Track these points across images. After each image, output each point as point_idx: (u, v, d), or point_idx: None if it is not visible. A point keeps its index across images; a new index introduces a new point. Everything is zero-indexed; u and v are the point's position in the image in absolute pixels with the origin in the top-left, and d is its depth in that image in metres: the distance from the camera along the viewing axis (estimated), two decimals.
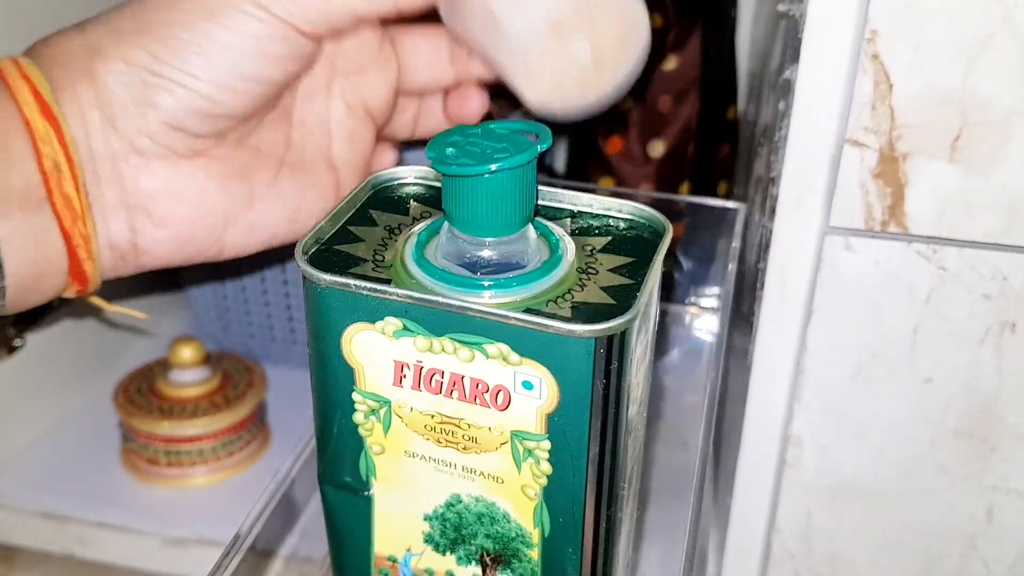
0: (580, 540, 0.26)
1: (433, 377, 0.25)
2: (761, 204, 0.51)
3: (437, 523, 0.28)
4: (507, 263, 0.25)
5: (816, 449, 0.44)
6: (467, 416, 0.26)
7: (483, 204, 0.24)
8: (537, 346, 0.24)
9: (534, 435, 0.25)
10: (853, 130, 0.38)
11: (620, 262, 0.26)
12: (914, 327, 0.41)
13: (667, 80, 0.71)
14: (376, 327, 0.25)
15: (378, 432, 0.27)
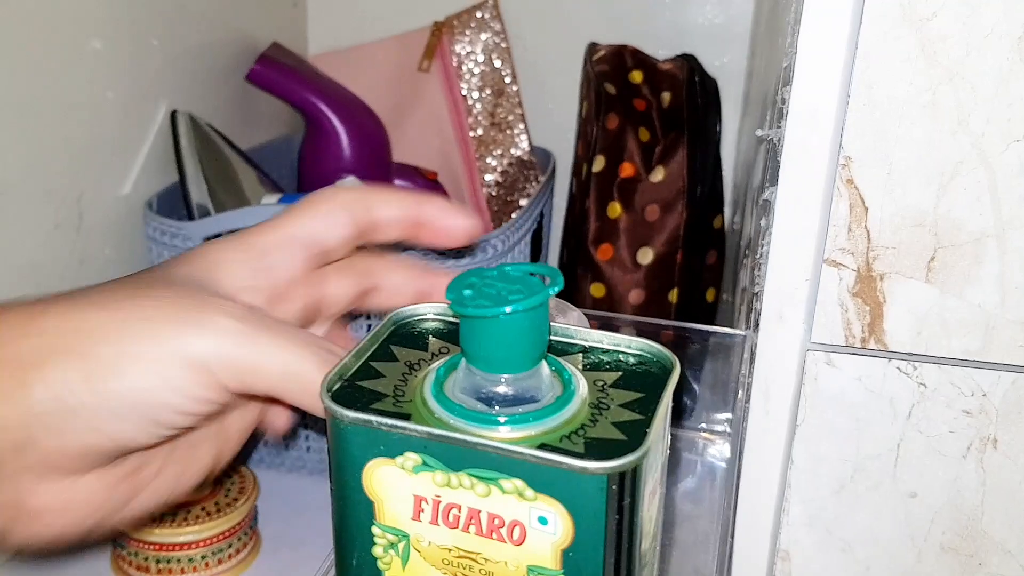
0: None
1: (451, 512, 0.26)
2: (746, 316, 0.52)
3: None
4: (522, 398, 0.26)
5: (803, 564, 0.44)
6: (484, 551, 0.26)
7: (499, 343, 0.25)
8: (552, 482, 0.24)
9: (550, 571, 0.25)
10: (831, 250, 0.39)
11: (631, 397, 0.26)
12: (897, 442, 0.41)
13: (654, 191, 0.73)
14: (396, 462, 0.26)
15: (396, 566, 0.28)
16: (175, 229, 0.67)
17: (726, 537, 0.38)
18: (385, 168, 0.89)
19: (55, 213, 0.65)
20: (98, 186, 0.69)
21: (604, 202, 0.74)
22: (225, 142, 0.79)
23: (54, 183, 0.65)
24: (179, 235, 0.67)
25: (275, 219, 0.35)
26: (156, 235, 0.69)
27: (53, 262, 0.65)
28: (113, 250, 0.72)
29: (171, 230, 0.68)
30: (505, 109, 0.91)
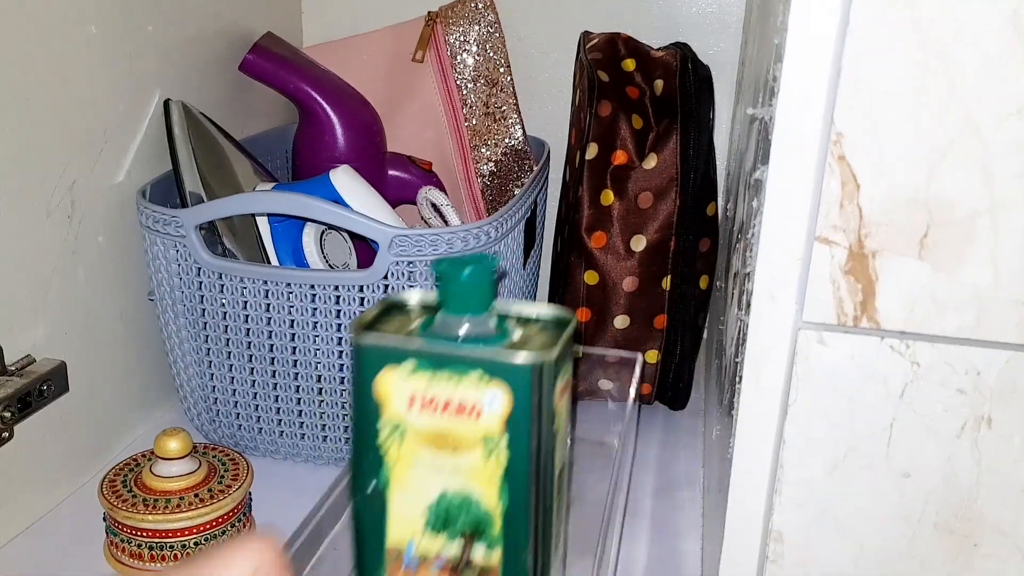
0: (528, 513, 0.38)
1: (432, 401, 0.37)
2: (738, 298, 0.52)
3: (432, 515, 0.39)
4: (477, 337, 0.38)
5: (797, 544, 0.44)
6: (453, 427, 0.38)
7: (462, 294, 0.38)
8: (499, 371, 0.36)
9: (496, 435, 0.37)
10: (822, 228, 0.39)
11: (545, 336, 0.39)
12: (890, 421, 0.41)
13: (647, 178, 0.73)
14: (400, 367, 0.37)
15: (395, 448, 0.39)
16: (168, 217, 0.67)
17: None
18: (379, 158, 0.89)
19: (47, 201, 0.65)
20: (91, 174, 0.69)
21: (597, 190, 0.73)
22: (219, 131, 0.79)
23: (46, 171, 0.65)
24: (172, 223, 0.67)
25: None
26: (150, 223, 0.68)
27: (45, 250, 0.65)
28: (106, 239, 0.71)
29: (164, 218, 0.67)
30: (499, 99, 0.91)
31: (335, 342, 0.68)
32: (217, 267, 0.67)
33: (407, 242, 0.64)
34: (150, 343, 0.78)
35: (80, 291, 0.69)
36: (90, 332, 0.70)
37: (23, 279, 0.63)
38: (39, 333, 0.65)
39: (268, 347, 0.69)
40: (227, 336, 0.70)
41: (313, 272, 0.67)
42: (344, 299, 0.66)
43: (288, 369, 0.69)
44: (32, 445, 0.64)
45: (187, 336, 0.71)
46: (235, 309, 0.68)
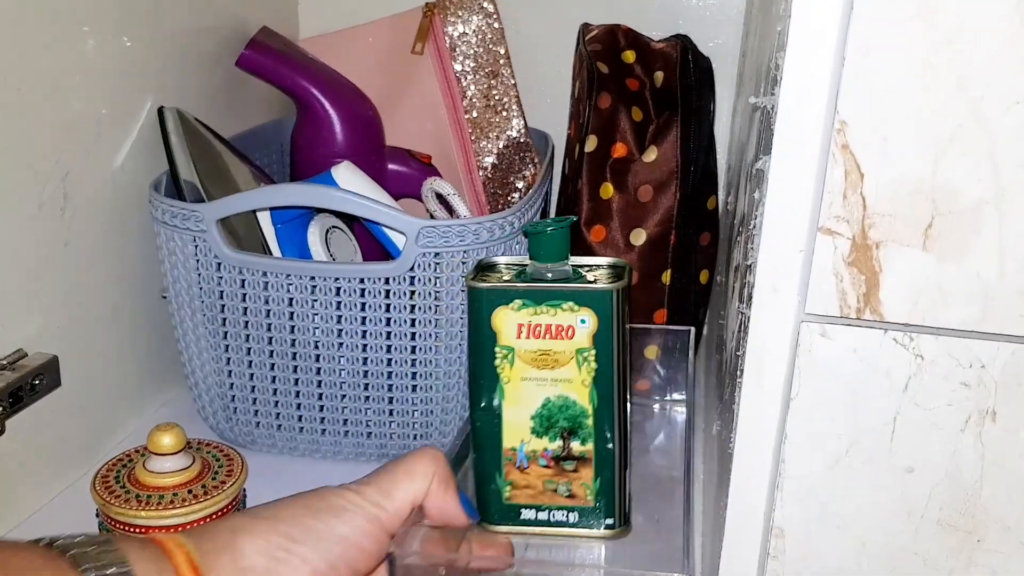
0: (613, 408, 0.50)
1: (535, 328, 0.50)
2: (739, 291, 0.51)
3: (537, 420, 0.51)
4: (562, 279, 0.51)
5: (798, 540, 0.43)
6: (553, 347, 0.50)
7: (548, 246, 0.51)
8: (587, 299, 0.49)
9: (587, 348, 0.50)
10: (825, 219, 0.39)
11: (609, 276, 0.51)
12: (893, 415, 0.40)
13: (647, 171, 0.72)
14: (510, 306, 0.50)
15: (506, 369, 0.51)
16: (188, 211, 0.66)
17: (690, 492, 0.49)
18: (379, 152, 0.88)
19: (39, 193, 0.64)
20: (84, 167, 0.68)
21: (597, 183, 0.73)
22: (215, 136, 0.78)
23: (38, 163, 0.64)
24: (192, 217, 0.66)
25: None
26: (166, 219, 0.67)
27: (36, 244, 0.64)
28: (100, 233, 0.71)
29: (183, 212, 0.66)
30: (499, 91, 0.90)
31: (359, 335, 0.67)
32: (239, 262, 0.66)
33: (434, 233, 0.63)
34: (145, 338, 0.77)
35: (72, 285, 0.68)
36: (83, 326, 0.70)
37: (14, 272, 0.63)
38: (31, 327, 0.64)
39: (290, 343, 0.68)
40: (247, 332, 0.69)
41: (338, 265, 0.67)
42: (369, 292, 0.66)
43: (310, 364, 0.69)
44: (24, 440, 0.64)
45: (204, 333, 0.70)
46: (256, 305, 0.68)
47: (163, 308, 0.74)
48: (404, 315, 0.66)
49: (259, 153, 0.89)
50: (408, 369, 0.68)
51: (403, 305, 0.66)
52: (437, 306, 0.66)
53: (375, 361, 0.68)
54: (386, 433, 0.71)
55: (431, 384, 0.69)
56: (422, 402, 0.69)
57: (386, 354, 0.68)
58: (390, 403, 0.70)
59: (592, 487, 0.52)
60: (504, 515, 0.54)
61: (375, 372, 0.68)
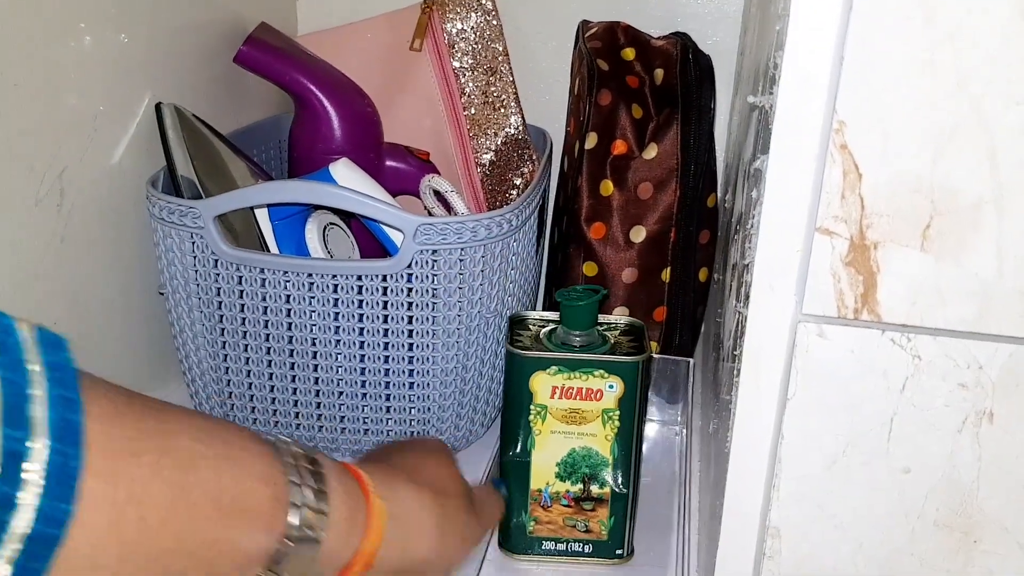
0: (629, 459, 0.60)
1: (568, 391, 0.59)
2: (737, 290, 0.51)
3: (561, 466, 0.60)
4: (590, 345, 0.60)
5: (794, 541, 0.43)
6: (582, 407, 0.59)
7: (578, 316, 0.60)
8: (615, 369, 0.58)
9: (613, 409, 0.59)
10: (823, 218, 0.38)
11: (630, 340, 0.61)
12: (890, 416, 0.40)
13: (647, 168, 0.72)
14: (546, 371, 0.59)
15: (538, 423, 0.60)
16: (185, 208, 0.66)
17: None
18: (377, 149, 0.88)
19: (36, 189, 0.64)
20: (81, 162, 0.68)
21: (597, 180, 0.72)
22: (213, 132, 0.78)
23: (34, 158, 0.64)
24: (189, 214, 0.66)
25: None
26: (164, 215, 0.67)
27: (33, 239, 0.64)
28: (97, 229, 0.70)
29: (180, 209, 0.66)
30: (498, 88, 0.90)
31: (356, 332, 0.67)
32: (236, 259, 0.66)
33: (432, 231, 0.63)
34: (142, 334, 0.77)
35: (69, 281, 0.68)
36: (79, 322, 0.69)
37: (11, 268, 0.63)
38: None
39: (287, 339, 0.68)
40: (244, 329, 0.68)
41: (335, 262, 0.66)
42: (367, 289, 0.65)
43: (308, 361, 0.68)
44: None
45: (201, 330, 0.69)
46: (254, 302, 0.67)
47: (160, 304, 0.74)
48: (402, 312, 0.66)
49: (257, 150, 0.89)
50: (405, 366, 0.68)
51: (401, 302, 0.66)
52: (435, 303, 0.66)
53: (372, 358, 0.68)
54: (383, 430, 0.71)
55: (428, 381, 0.68)
56: (419, 399, 0.69)
57: (383, 351, 0.68)
58: (387, 400, 0.69)
59: (607, 524, 0.61)
60: (527, 546, 0.62)
61: (372, 369, 0.68)
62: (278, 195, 0.67)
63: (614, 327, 0.62)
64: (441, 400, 0.69)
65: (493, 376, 0.71)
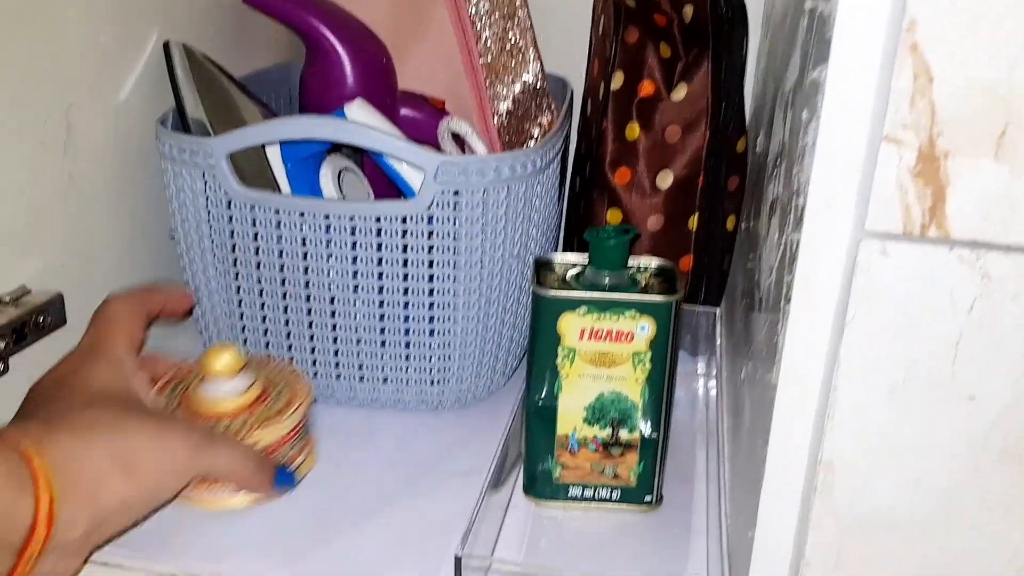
0: (660, 403, 0.58)
1: (598, 332, 0.56)
2: (781, 224, 0.49)
3: (590, 411, 0.58)
4: (620, 285, 0.58)
5: (849, 474, 0.41)
6: (612, 349, 0.57)
7: (609, 255, 0.57)
8: (647, 309, 0.56)
9: (644, 352, 0.57)
10: (891, 126, 0.36)
11: (660, 280, 0.59)
12: (956, 340, 0.38)
13: (676, 110, 0.69)
14: (576, 312, 0.56)
15: (566, 366, 0.57)
16: (196, 146, 0.63)
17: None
18: (391, 96, 0.85)
19: (41, 127, 0.61)
20: (88, 101, 0.65)
21: (622, 123, 0.70)
22: (223, 73, 0.75)
23: (39, 95, 0.61)
24: (201, 152, 0.63)
25: (110, 342, 0.56)
26: (174, 154, 0.64)
27: (39, 178, 0.62)
28: (105, 169, 0.68)
29: (192, 147, 0.63)
30: (515, 34, 0.87)
31: (375, 277, 0.64)
32: (250, 199, 0.64)
33: (453, 170, 0.61)
34: (153, 278, 0.75)
35: (77, 222, 0.66)
36: (88, 265, 0.67)
37: (17, 207, 0.60)
38: (34, 264, 0.62)
39: (303, 284, 0.66)
40: (259, 274, 0.66)
41: (353, 203, 0.64)
42: (385, 231, 0.63)
43: (325, 307, 0.66)
44: (28, 379, 0.61)
45: (214, 274, 0.67)
46: (269, 245, 0.65)
47: (172, 248, 0.71)
48: (422, 256, 0.64)
49: (266, 97, 0.86)
50: (425, 312, 0.66)
51: (421, 245, 0.64)
52: (456, 246, 0.64)
53: (391, 304, 0.66)
54: (402, 379, 0.68)
55: (449, 328, 0.66)
56: (439, 346, 0.67)
57: (403, 296, 0.65)
58: (407, 348, 0.67)
59: (636, 470, 0.59)
60: (554, 492, 0.60)
61: (391, 316, 0.66)
62: (293, 131, 0.64)
63: (645, 269, 0.59)
64: (462, 347, 0.67)
65: (515, 324, 0.69)
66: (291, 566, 0.54)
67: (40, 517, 0.43)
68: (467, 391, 0.69)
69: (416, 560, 0.55)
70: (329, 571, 0.54)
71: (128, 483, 0.46)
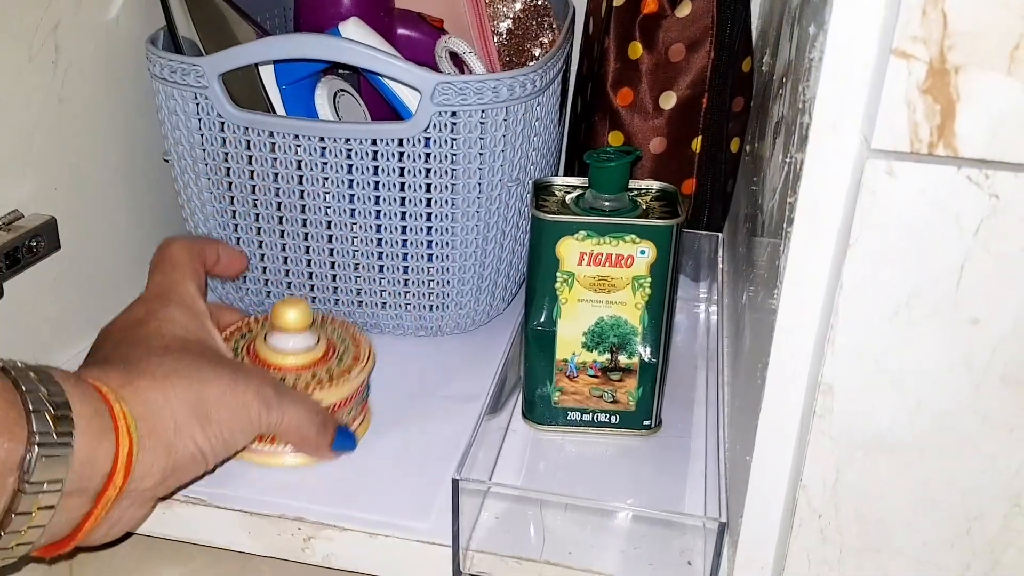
0: (660, 328, 0.57)
1: (596, 256, 0.55)
2: (784, 144, 0.48)
3: (588, 336, 0.57)
4: (620, 209, 0.56)
5: (848, 398, 0.40)
6: (611, 274, 0.56)
7: (607, 178, 0.56)
8: (648, 232, 0.55)
9: (644, 276, 0.56)
10: (900, 39, 0.35)
11: (660, 204, 0.58)
12: (961, 262, 0.37)
13: (680, 27, 0.67)
14: (575, 236, 0.55)
15: (565, 291, 0.56)
16: (188, 66, 0.61)
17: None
18: (388, 13, 0.83)
19: (28, 44, 0.60)
20: (75, 17, 0.64)
21: (624, 42, 0.68)
22: None
23: (24, 10, 0.59)
24: (192, 72, 0.61)
25: (181, 287, 0.55)
26: (165, 74, 0.63)
27: (28, 100, 0.60)
28: (96, 90, 0.66)
29: (183, 67, 0.62)
30: None
31: (372, 201, 0.63)
32: (244, 120, 0.62)
33: (451, 90, 0.59)
34: (148, 203, 0.74)
35: (69, 144, 0.65)
36: (81, 188, 0.66)
37: (5, 129, 0.59)
38: (26, 188, 0.61)
39: (299, 208, 0.65)
40: (254, 198, 0.65)
41: (348, 125, 0.62)
42: (382, 155, 0.62)
43: (322, 232, 0.65)
44: (23, 304, 0.61)
45: (209, 198, 0.66)
46: (264, 168, 0.64)
47: (166, 172, 0.70)
48: (419, 179, 0.63)
49: (260, 17, 0.84)
50: (424, 237, 0.65)
51: (418, 168, 0.62)
52: (454, 170, 0.62)
53: (389, 228, 0.65)
54: (401, 304, 0.68)
55: (447, 253, 0.65)
56: (438, 271, 0.66)
57: (400, 221, 0.64)
58: (405, 273, 0.67)
59: (635, 394, 0.59)
60: (552, 417, 0.60)
61: (389, 240, 0.65)
62: (287, 50, 0.62)
63: (645, 192, 0.58)
64: (461, 273, 0.66)
65: (514, 249, 0.68)
66: (288, 489, 0.54)
67: (119, 464, 0.42)
68: (466, 316, 0.69)
69: (414, 483, 0.55)
70: (327, 495, 0.54)
71: (203, 434, 0.46)
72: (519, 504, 0.54)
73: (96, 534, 0.45)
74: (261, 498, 0.54)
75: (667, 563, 0.51)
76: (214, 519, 0.54)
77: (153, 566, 0.57)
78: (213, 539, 0.54)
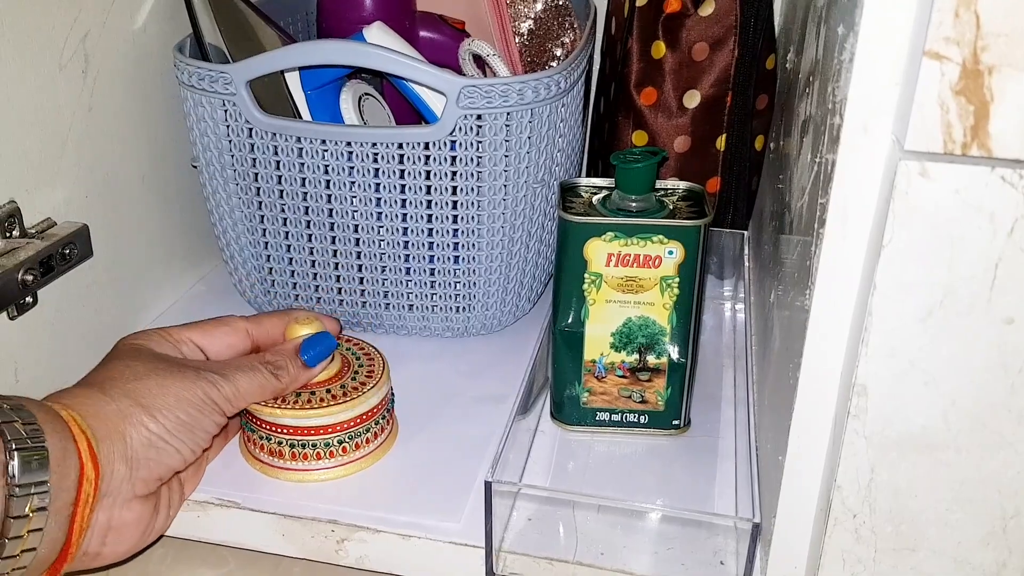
0: (688, 328, 0.57)
1: (624, 258, 0.55)
2: (813, 143, 0.48)
3: (617, 336, 0.58)
4: (647, 210, 0.56)
5: (882, 398, 0.40)
6: (639, 274, 0.56)
7: (634, 179, 0.56)
8: (676, 233, 0.55)
9: (672, 276, 0.56)
10: (933, 40, 0.35)
11: (689, 204, 0.58)
12: (995, 262, 0.37)
13: (703, 26, 0.67)
14: (602, 237, 0.55)
15: (593, 292, 0.57)
16: (216, 73, 0.62)
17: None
18: (410, 17, 0.84)
19: (58, 54, 0.61)
20: (104, 27, 0.64)
21: (648, 41, 0.68)
22: None
23: (55, 20, 0.60)
24: (220, 79, 0.62)
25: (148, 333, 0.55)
26: (193, 81, 0.63)
27: (59, 109, 0.61)
28: (125, 98, 0.67)
29: (211, 74, 0.62)
30: None
31: (398, 204, 0.64)
32: (271, 126, 0.63)
33: (476, 93, 0.59)
34: (177, 209, 0.75)
35: (99, 152, 0.65)
36: (112, 196, 0.67)
37: (37, 137, 0.60)
38: (57, 196, 0.62)
39: (327, 212, 0.65)
40: (282, 203, 0.66)
41: (375, 129, 0.63)
42: (408, 158, 0.62)
43: (349, 235, 0.66)
44: (57, 311, 0.62)
45: (238, 203, 0.67)
46: (291, 173, 0.64)
47: (194, 178, 0.71)
48: (445, 182, 0.63)
49: (283, 22, 0.85)
50: (450, 239, 0.65)
51: (444, 171, 0.63)
52: (479, 172, 0.63)
53: (416, 231, 0.65)
54: (428, 306, 0.68)
55: (474, 255, 0.66)
56: (464, 273, 0.67)
57: (427, 223, 0.65)
58: (432, 275, 0.67)
59: (663, 394, 0.59)
60: (581, 417, 0.60)
61: (416, 243, 0.66)
62: (313, 56, 0.63)
63: (672, 192, 0.58)
64: (487, 274, 0.67)
65: (540, 250, 0.69)
66: (321, 492, 0.55)
67: (84, 458, 0.44)
68: (493, 317, 0.69)
69: (445, 485, 0.55)
70: (360, 498, 0.55)
71: (153, 421, 0.48)
72: (550, 505, 0.54)
73: (91, 544, 0.47)
74: (295, 501, 0.54)
75: (700, 563, 0.51)
76: (249, 522, 0.54)
77: (187, 568, 0.57)
78: (247, 542, 0.55)
